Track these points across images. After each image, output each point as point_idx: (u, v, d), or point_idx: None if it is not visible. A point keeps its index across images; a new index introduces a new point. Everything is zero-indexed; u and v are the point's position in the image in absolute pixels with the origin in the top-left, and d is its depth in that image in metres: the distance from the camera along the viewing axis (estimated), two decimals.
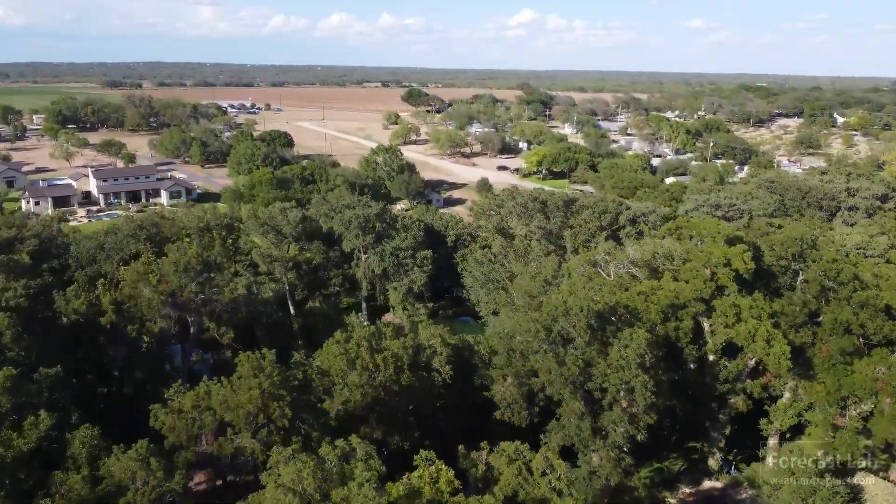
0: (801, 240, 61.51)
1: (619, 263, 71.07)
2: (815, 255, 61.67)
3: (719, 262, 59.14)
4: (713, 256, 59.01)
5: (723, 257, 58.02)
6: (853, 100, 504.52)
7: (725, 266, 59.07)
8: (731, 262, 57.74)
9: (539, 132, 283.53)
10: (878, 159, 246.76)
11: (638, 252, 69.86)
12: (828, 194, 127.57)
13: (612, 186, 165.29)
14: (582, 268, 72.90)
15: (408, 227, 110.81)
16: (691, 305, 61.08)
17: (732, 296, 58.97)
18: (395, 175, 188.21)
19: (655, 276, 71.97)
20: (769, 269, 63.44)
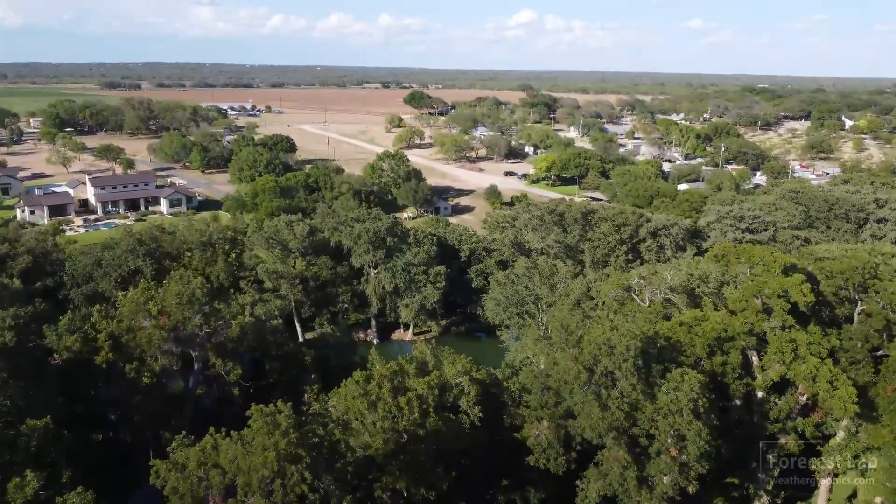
0: (863, 269, 56.38)
1: (655, 289, 65.93)
2: (877, 286, 56.54)
3: (774, 292, 53.96)
4: (767, 286, 53.83)
5: (779, 288, 52.85)
6: (860, 102, 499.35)
7: (780, 297, 53.89)
8: (789, 293, 52.55)
9: (545, 136, 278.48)
10: (892, 164, 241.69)
11: (676, 276, 64.65)
12: (856, 206, 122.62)
13: (627, 195, 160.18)
14: (615, 292, 67.76)
15: (420, 241, 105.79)
16: (740, 339, 55.93)
17: (789, 330, 53.79)
18: (402, 182, 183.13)
19: (694, 304, 66.95)
20: (824, 298, 58.34)
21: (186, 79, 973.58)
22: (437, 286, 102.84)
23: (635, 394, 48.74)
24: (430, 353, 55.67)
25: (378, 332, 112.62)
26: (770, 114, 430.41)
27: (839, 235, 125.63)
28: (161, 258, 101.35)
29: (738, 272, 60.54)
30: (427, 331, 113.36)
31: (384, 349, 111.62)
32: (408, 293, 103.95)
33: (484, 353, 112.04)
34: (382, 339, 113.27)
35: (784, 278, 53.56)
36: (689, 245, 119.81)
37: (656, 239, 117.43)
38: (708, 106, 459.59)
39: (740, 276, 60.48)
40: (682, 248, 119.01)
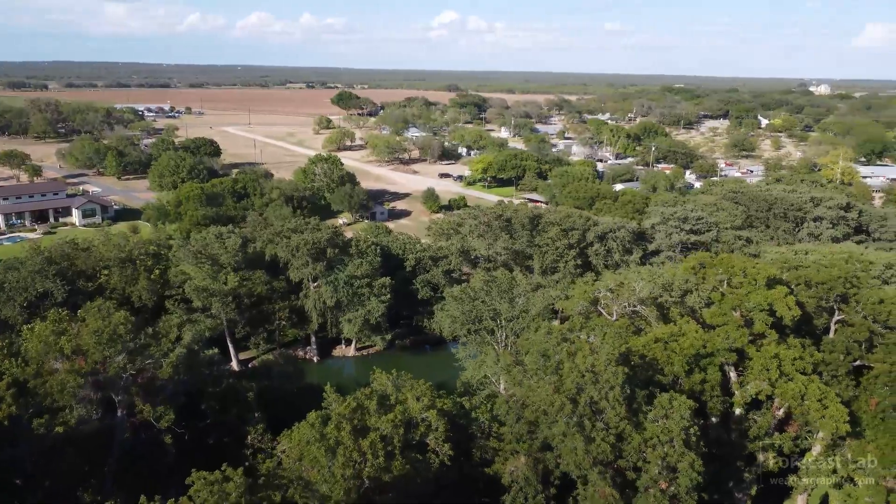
0: (844, 278, 54.20)
1: (624, 302, 62.29)
2: (858, 295, 54.50)
3: (757, 306, 50.95)
4: (749, 299, 50.77)
5: (764, 301, 49.84)
6: (772, 102, 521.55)
7: (762, 311, 50.93)
8: (774, 307, 49.58)
9: (479, 137, 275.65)
10: (811, 162, 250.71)
11: (645, 288, 61.16)
12: (794, 205, 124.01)
13: (568, 196, 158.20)
14: (581, 306, 63.79)
15: (363, 252, 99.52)
16: (720, 355, 52.78)
17: (771, 345, 50.92)
18: (336, 187, 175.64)
19: (662, 315, 63.75)
20: (803, 309, 55.98)
21: (98, 79, 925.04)
22: (383, 299, 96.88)
23: (623, 424, 44.61)
24: (390, 385, 49.91)
25: (318, 349, 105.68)
26: (691, 113, 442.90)
27: (778, 234, 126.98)
28: (74, 278, 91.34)
29: (714, 283, 57.42)
30: (371, 345, 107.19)
31: (326, 367, 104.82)
32: (351, 307, 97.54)
33: (432, 366, 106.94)
34: (323, 356, 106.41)
35: (768, 291, 50.67)
36: (635, 248, 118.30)
37: (604, 243, 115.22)
38: (632, 106, 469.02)
39: (714, 286, 57.40)
40: (629, 251, 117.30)
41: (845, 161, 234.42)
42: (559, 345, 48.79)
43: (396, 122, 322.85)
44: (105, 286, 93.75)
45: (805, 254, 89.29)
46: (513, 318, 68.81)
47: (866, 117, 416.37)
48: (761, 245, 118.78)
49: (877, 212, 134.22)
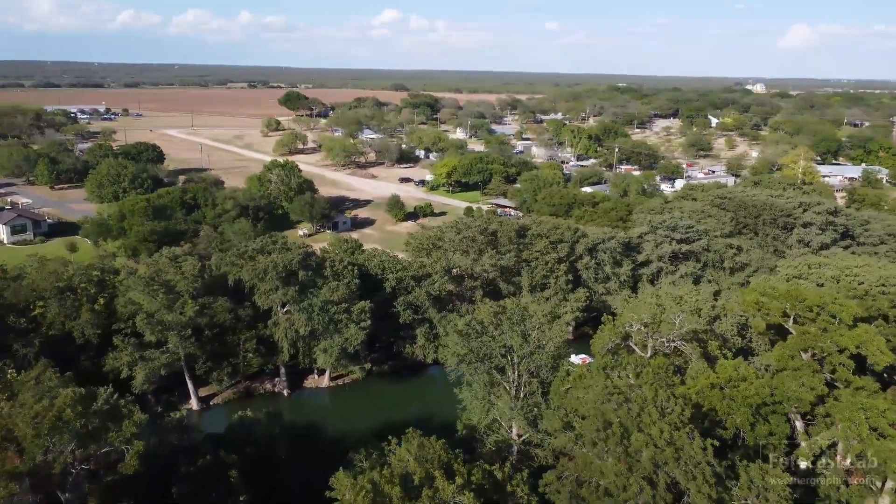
0: None
1: (661, 337, 54.40)
2: None
3: (831, 348, 43.60)
4: (829, 339, 43.32)
5: (851, 344, 42.46)
6: (720, 101, 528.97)
7: (840, 352, 43.63)
8: (863, 350, 42.28)
9: (437, 139, 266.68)
10: (769, 161, 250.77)
11: (688, 322, 53.37)
12: (783, 211, 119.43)
13: (542, 203, 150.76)
14: (611, 342, 55.66)
15: (339, 273, 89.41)
16: (789, 404, 45.31)
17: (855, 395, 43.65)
18: (294, 195, 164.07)
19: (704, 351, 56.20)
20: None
21: (25, 78, 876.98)
22: (363, 326, 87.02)
23: None
24: (412, 460, 40.60)
25: (288, 381, 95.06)
26: (643, 113, 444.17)
27: (767, 241, 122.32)
28: (3, 313, 78.53)
29: (777, 319, 49.90)
30: (347, 374, 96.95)
31: (298, 401, 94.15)
32: (327, 335, 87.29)
33: (415, 395, 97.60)
34: (294, 388, 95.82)
35: (854, 331, 43.26)
36: (624, 260, 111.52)
37: (593, 255, 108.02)
38: (585, 105, 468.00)
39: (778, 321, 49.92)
40: (619, 263, 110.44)
41: (806, 161, 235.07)
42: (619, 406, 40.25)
43: (350, 123, 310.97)
44: (40, 321, 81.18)
45: (819, 267, 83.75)
46: (527, 356, 60.21)
47: (810, 115, 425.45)
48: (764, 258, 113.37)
49: (859, 215, 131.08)
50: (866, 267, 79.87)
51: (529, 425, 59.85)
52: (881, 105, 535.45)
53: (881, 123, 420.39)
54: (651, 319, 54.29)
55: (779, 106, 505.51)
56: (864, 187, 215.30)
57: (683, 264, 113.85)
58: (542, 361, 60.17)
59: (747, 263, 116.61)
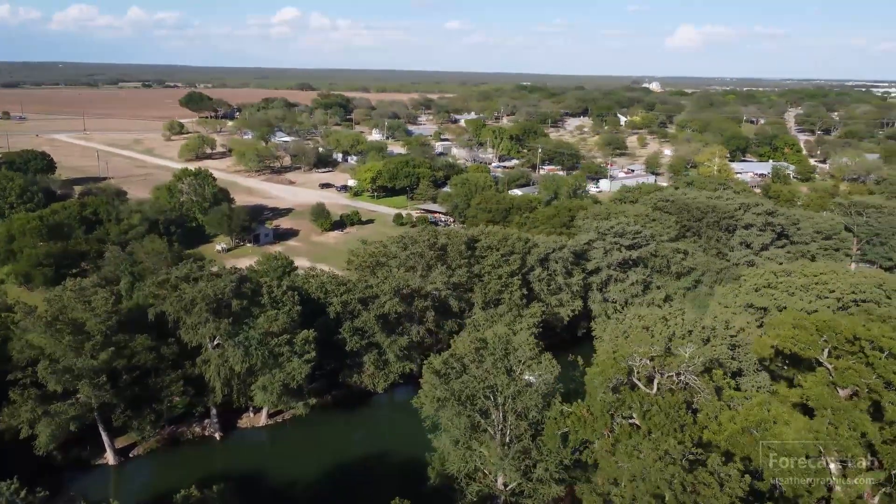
0: None
1: (669, 372, 48.72)
2: None
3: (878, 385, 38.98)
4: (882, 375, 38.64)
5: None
6: (625, 99, 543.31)
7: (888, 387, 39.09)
8: None
9: (356, 141, 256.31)
10: (685, 159, 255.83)
11: (702, 355, 47.91)
12: (726, 213, 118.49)
13: (477, 209, 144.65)
14: (614, 379, 49.51)
15: (278, 301, 79.49)
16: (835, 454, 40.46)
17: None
18: (209, 206, 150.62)
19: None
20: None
21: None
22: (307, 358, 77.67)
23: None
24: None
25: (220, 422, 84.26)
26: (555, 112, 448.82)
27: (711, 244, 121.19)
28: None
29: (814, 354, 44.95)
30: (286, 409, 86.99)
31: (232, 445, 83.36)
32: (265, 370, 77.36)
33: (362, 427, 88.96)
34: (227, 430, 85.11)
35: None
36: (575, 270, 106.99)
37: (546, 266, 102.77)
38: (498, 105, 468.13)
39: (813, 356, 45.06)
40: (571, 273, 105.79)
41: (720, 158, 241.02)
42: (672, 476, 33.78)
43: (260, 125, 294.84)
44: None
45: (787, 275, 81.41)
46: (513, 396, 53.31)
47: (711, 113, 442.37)
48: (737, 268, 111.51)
49: (791, 214, 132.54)
50: (832, 273, 78.06)
51: (520, 474, 53.05)
52: (773, 102, 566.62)
53: (775, 120, 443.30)
54: (659, 353, 48.49)
55: (681, 104, 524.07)
56: (776, 183, 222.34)
57: (633, 271, 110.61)
58: (531, 401, 53.48)
59: (694, 268, 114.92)
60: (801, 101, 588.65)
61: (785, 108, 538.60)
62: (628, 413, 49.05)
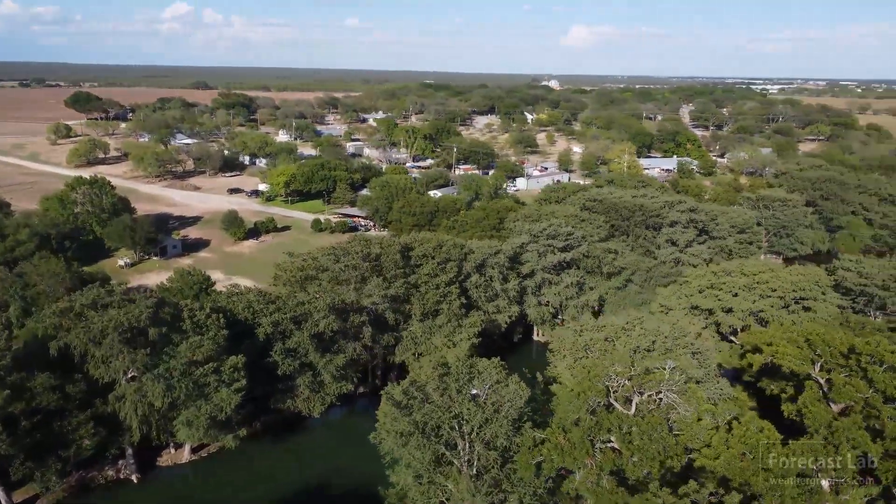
0: None
1: (650, 392, 46.05)
2: None
3: (877, 400, 37.52)
4: (880, 390, 37.08)
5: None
6: (530, 97, 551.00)
7: (888, 402, 37.71)
8: None
9: (264, 143, 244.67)
10: (596, 156, 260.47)
11: (683, 372, 45.49)
12: (652, 211, 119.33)
13: (401, 212, 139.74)
14: (591, 400, 46.39)
15: (201, 325, 71.96)
16: (834, 474, 38.79)
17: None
18: (108, 217, 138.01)
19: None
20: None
21: None
22: (237, 387, 70.75)
23: None
24: None
25: (137, 462, 75.76)
26: (463, 110, 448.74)
27: (639, 243, 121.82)
28: None
29: (804, 368, 43.17)
30: (212, 442, 79.29)
31: (152, 488, 75.02)
32: (190, 403, 69.77)
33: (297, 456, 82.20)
34: (145, 471, 76.70)
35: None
36: (510, 274, 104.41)
37: (482, 272, 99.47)
38: (405, 103, 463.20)
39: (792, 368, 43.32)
40: (507, 278, 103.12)
41: (630, 155, 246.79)
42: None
43: (158, 127, 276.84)
44: None
45: (729, 274, 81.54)
46: (482, 423, 49.24)
47: (613, 110, 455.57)
48: (681, 266, 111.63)
49: (709, 210, 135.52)
50: (770, 272, 78.73)
51: None
52: (668, 99, 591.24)
53: (672, 117, 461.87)
54: (639, 371, 45.67)
55: (583, 102, 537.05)
56: (683, 178, 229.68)
57: (566, 273, 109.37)
58: (500, 429, 49.56)
59: (625, 267, 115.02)
60: (692, 99, 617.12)
61: (679, 105, 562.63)
62: (606, 437, 45.99)
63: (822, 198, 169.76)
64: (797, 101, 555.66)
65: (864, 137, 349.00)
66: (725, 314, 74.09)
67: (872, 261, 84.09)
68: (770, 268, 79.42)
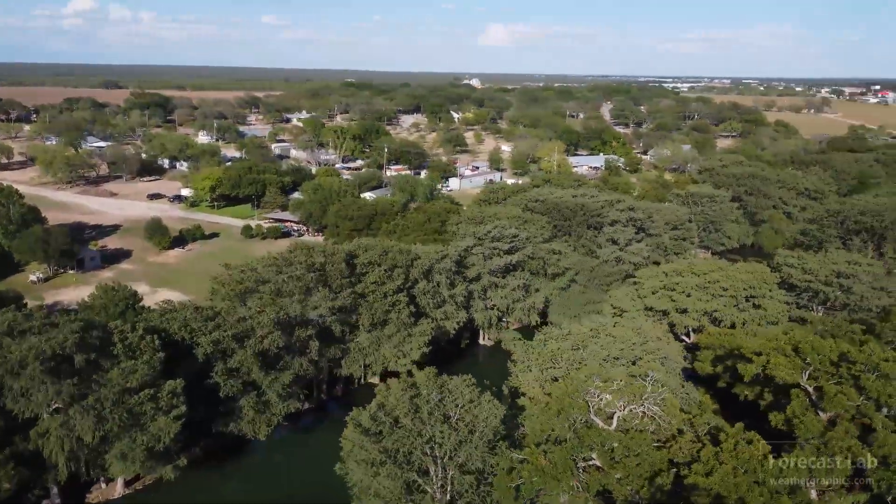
0: None
1: (633, 407, 44.40)
2: None
3: (870, 408, 36.91)
4: (872, 397, 36.45)
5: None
6: (455, 96, 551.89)
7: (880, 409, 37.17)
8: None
9: (184, 145, 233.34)
10: (526, 154, 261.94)
11: (659, 387, 44.01)
12: (594, 211, 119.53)
13: (337, 217, 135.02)
14: (571, 418, 44.38)
15: (134, 348, 66.00)
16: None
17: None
18: (17, 229, 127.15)
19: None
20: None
21: None
22: (176, 414, 65.31)
23: None
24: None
25: (63, 502, 68.96)
26: (390, 110, 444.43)
27: (581, 243, 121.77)
28: None
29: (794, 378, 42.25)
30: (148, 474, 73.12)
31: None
32: (124, 435, 63.85)
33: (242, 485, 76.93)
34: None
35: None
36: (457, 279, 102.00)
37: (430, 278, 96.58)
38: (330, 103, 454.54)
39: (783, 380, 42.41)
40: (454, 283, 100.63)
41: (559, 153, 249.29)
42: None
43: (67, 129, 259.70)
44: None
45: (680, 274, 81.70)
46: (456, 448, 46.46)
47: (537, 108, 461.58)
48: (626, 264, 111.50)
49: (645, 208, 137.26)
50: (720, 271, 79.32)
51: None
52: (588, 98, 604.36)
53: (594, 115, 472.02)
54: (620, 386, 43.88)
55: (507, 100, 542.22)
56: (611, 176, 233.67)
57: (512, 275, 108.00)
58: (475, 452, 46.89)
59: (569, 267, 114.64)
60: (611, 97, 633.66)
61: (600, 103, 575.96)
62: (588, 455, 44.05)
63: (746, 193, 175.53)
64: (709, 99, 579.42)
65: (774, 133, 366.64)
66: (680, 315, 74.21)
67: (812, 257, 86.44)
68: (719, 266, 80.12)
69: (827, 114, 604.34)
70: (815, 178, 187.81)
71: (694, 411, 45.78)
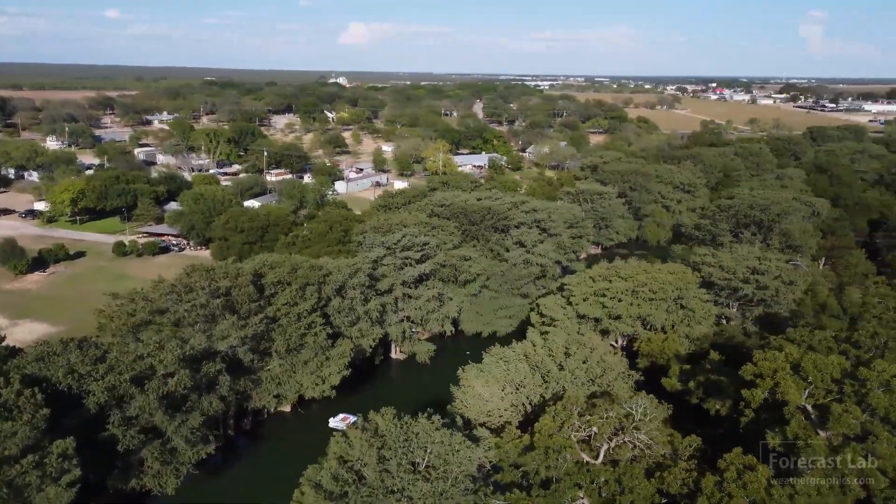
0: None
1: (626, 434, 41.17)
2: None
3: (879, 429, 35.64)
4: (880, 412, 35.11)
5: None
6: (326, 95, 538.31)
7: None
8: None
9: (34, 152, 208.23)
10: (411, 154, 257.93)
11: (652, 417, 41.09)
12: (500, 214, 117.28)
13: (225, 229, 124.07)
14: (560, 459, 40.52)
15: (11, 407, 54.89)
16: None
17: None
18: None
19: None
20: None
21: None
22: (69, 480, 55.12)
23: None
24: None
25: None
26: (260, 110, 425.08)
27: (489, 247, 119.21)
28: None
29: (797, 399, 40.25)
30: None
31: None
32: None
33: None
34: None
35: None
36: (370, 293, 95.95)
37: (343, 295, 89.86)
38: (194, 102, 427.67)
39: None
40: (367, 299, 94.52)
41: (444, 153, 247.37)
42: None
43: None
44: None
45: (607, 280, 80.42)
46: (433, 495, 41.37)
47: (412, 107, 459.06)
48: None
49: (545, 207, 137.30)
50: (646, 274, 79.03)
51: None
52: (461, 96, 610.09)
53: (469, 113, 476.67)
54: (607, 418, 40.42)
55: (381, 100, 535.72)
56: (496, 174, 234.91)
57: (425, 285, 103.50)
58: (451, 494, 41.97)
59: (480, 273, 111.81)
60: (481, 95, 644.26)
61: (473, 102, 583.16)
62: (575, 494, 40.43)
63: (630, 189, 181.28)
64: (573, 97, 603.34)
65: (637, 129, 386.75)
66: (614, 321, 72.96)
67: (725, 254, 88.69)
68: (644, 269, 79.78)
69: (678, 110, 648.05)
70: (689, 173, 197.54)
71: (680, 437, 43.65)
